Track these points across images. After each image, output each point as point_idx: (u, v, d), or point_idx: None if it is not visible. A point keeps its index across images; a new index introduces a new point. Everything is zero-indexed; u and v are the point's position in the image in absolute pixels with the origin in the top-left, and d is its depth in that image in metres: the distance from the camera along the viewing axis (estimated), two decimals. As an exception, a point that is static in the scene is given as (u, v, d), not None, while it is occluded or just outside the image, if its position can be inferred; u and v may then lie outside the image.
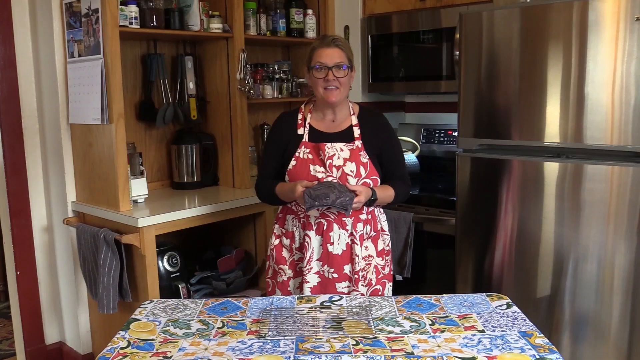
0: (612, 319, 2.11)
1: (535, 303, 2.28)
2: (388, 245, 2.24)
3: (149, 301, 1.84)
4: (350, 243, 2.12)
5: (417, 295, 1.84)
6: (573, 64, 2.10)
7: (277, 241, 2.22)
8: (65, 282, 2.97)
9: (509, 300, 1.78)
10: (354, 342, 1.49)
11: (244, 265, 3.08)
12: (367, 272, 2.14)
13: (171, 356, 1.45)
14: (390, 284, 2.24)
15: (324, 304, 1.78)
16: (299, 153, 2.13)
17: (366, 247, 2.14)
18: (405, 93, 3.52)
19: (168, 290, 2.76)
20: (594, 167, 2.10)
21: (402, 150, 2.33)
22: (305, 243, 2.12)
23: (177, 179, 3.14)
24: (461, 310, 1.72)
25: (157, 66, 3.01)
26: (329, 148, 2.11)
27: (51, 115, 2.83)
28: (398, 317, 1.67)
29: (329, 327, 1.59)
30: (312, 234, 2.11)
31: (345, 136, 2.15)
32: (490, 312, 1.70)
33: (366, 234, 2.15)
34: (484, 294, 1.85)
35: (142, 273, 2.55)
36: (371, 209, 2.17)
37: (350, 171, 2.08)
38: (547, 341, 1.49)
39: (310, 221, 2.12)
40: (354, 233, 2.12)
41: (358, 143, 2.13)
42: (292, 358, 1.41)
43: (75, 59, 2.69)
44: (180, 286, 2.80)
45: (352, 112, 2.20)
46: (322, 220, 2.10)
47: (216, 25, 2.96)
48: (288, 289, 2.19)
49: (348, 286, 2.13)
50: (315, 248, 2.12)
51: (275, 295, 2.06)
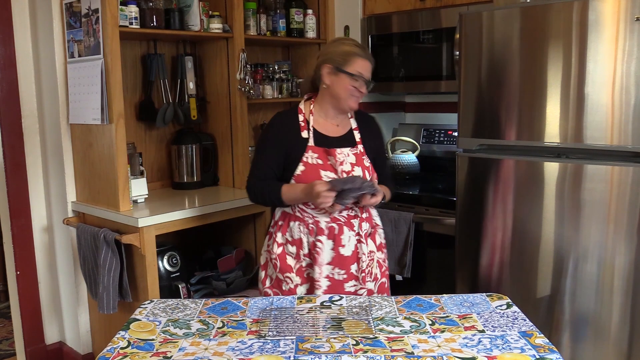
0: (612, 319, 2.11)
1: (535, 303, 2.28)
2: (384, 239, 2.27)
3: (149, 301, 1.84)
4: (357, 243, 2.12)
5: (417, 295, 1.84)
6: (573, 64, 2.10)
7: (280, 249, 2.13)
8: (65, 282, 2.97)
9: (509, 300, 1.78)
10: (354, 342, 1.49)
11: (244, 265, 3.08)
12: (371, 268, 2.16)
13: (171, 356, 1.45)
14: (385, 279, 2.28)
15: (324, 304, 1.78)
16: (307, 158, 2.06)
17: (367, 244, 2.16)
18: (405, 93, 3.52)
19: (168, 290, 2.76)
20: (594, 167, 2.10)
21: (386, 149, 2.40)
22: (317, 249, 2.07)
23: (177, 179, 3.14)
24: (461, 310, 1.72)
25: (157, 66, 3.01)
26: (339, 154, 2.07)
27: (51, 115, 2.84)
28: (398, 317, 1.67)
29: (329, 327, 1.59)
30: (323, 239, 2.07)
31: (348, 140, 2.14)
32: (490, 312, 1.70)
33: (367, 231, 2.16)
34: (484, 294, 1.85)
35: (142, 273, 2.55)
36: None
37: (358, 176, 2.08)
38: (547, 341, 1.49)
39: (321, 226, 2.08)
40: (360, 232, 2.12)
41: (360, 147, 2.13)
42: (292, 358, 1.41)
43: (75, 59, 2.69)
44: (180, 286, 2.80)
45: (350, 115, 2.19)
46: (333, 224, 2.08)
47: (216, 25, 2.96)
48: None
49: (354, 285, 2.12)
50: (326, 252, 2.09)
51: (276, 296, 2.06)
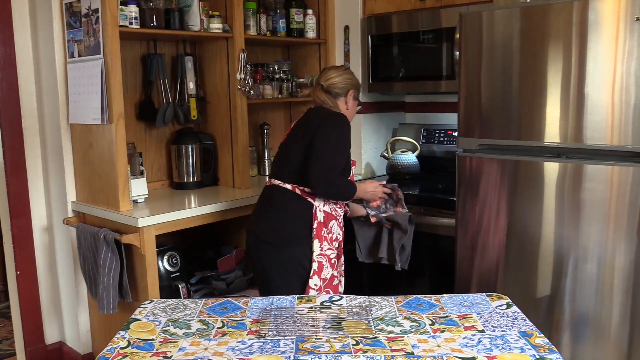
0: (612, 319, 2.11)
1: (535, 303, 2.28)
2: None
3: (149, 301, 1.84)
4: None
5: (417, 295, 1.84)
6: (573, 64, 2.10)
7: (333, 252, 2.33)
8: (65, 282, 2.97)
9: (509, 300, 1.78)
10: (354, 342, 1.49)
11: (244, 265, 3.08)
12: None
13: (171, 356, 1.45)
14: None
15: (324, 304, 1.78)
16: (352, 162, 2.45)
17: None
18: (405, 93, 3.52)
19: (168, 290, 2.76)
20: (594, 167, 2.10)
21: None
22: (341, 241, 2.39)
23: (177, 179, 3.14)
24: (461, 310, 1.72)
25: (157, 66, 3.01)
26: None
27: (51, 115, 2.84)
28: (398, 317, 1.67)
29: (329, 327, 1.59)
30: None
31: None
32: (490, 312, 1.70)
33: None
34: (484, 294, 1.85)
35: (142, 273, 2.55)
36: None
37: None
38: (547, 341, 1.49)
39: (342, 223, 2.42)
40: None
41: None
42: (292, 358, 1.41)
43: (75, 59, 2.69)
44: (180, 286, 2.80)
45: None
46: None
47: (216, 25, 2.96)
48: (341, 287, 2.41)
49: None
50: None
51: (275, 296, 2.06)
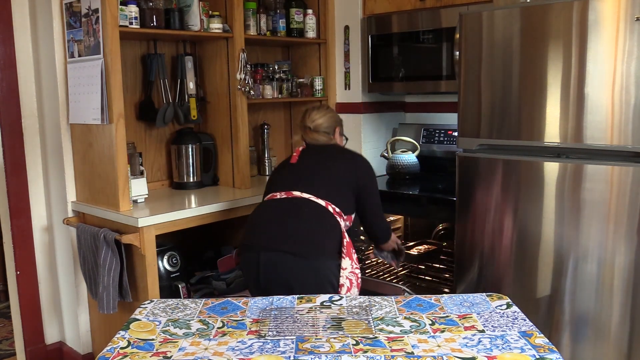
0: (612, 319, 2.11)
1: (535, 303, 2.28)
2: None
3: (149, 301, 1.84)
4: None
5: (417, 295, 1.84)
6: (573, 64, 2.10)
7: (359, 271, 2.30)
8: (65, 282, 2.97)
9: (509, 300, 1.78)
10: (354, 342, 1.49)
11: (244, 265, 3.08)
12: None
13: (171, 356, 1.45)
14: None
15: (324, 303, 1.78)
16: None
17: None
18: (405, 93, 3.52)
19: (168, 290, 2.76)
20: (594, 167, 2.10)
21: None
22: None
23: (177, 179, 3.14)
24: (461, 310, 1.72)
25: (157, 66, 3.01)
26: None
27: (51, 115, 2.84)
28: (398, 317, 1.67)
29: (329, 327, 1.59)
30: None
31: None
32: (490, 312, 1.70)
33: None
34: (484, 294, 1.84)
35: (142, 273, 2.55)
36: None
37: None
38: (547, 341, 1.49)
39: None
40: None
41: None
42: (292, 358, 1.41)
43: (75, 59, 2.69)
44: (180, 286, 2.80)
45: None
46: None
47: (216, 25, 2.96)
48: None
49: None
50: None
51: (275, 296, 2.06)
